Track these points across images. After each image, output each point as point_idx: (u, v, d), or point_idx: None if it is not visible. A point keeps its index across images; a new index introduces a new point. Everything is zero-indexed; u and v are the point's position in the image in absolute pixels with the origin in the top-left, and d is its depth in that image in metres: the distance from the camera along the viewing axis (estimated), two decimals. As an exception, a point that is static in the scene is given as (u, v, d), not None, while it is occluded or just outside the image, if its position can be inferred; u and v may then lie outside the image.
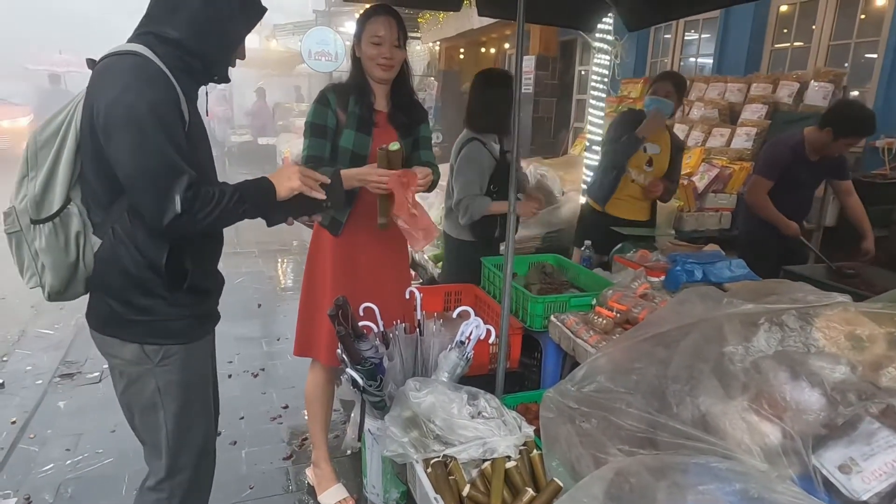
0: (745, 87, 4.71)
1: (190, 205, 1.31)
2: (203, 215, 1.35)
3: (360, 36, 2.04)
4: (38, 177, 1.36)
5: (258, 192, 1.48)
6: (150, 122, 1.28)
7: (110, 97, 1.28)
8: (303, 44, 10.20)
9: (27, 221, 1.38)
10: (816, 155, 3.08)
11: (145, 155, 1.28)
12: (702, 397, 1.44)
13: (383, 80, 2.06)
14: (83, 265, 1.42)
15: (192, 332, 1.52)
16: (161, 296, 1.44)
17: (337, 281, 2.12)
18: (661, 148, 3.19)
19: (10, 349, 3.75)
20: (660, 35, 6.64)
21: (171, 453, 1.54)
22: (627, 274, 2.42)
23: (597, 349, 1.91)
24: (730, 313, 1.61)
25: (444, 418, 1.60)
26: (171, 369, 1.49)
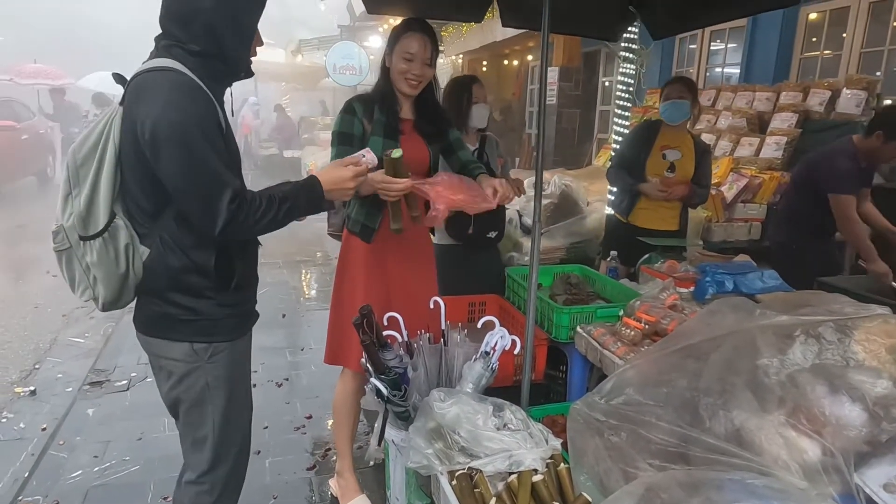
0: (774, 95, 4.63)
1: (235, 215, 1.38)
2: (251, 223, 1.42)
3: (393, 48, 2.06)
4: (82, 194, 1.40)
5: (308, 203, 1.54)
6: (195, 139, 1.34)
7: (154, 114, 1.32)
8: (328, 58, 10.37)
9: (76, 238, 1.41)
10: (866, 162, 3.01)
11: (193, 171, 1.35)
12: (736, 411, 1.39)
13: (409, 95, 2.09)
14: (133, 274, 1.46)
15: (237, 329, 1.59)
16: (209, 296, 1.50)
17: (369, 289, 2.13)
18: (682, 153, 3.15)
19: (43, 357, 3.84)
20: (685, 45, 6.59)
21: (216, 446, 1.60)
22: (655, 285, 2.37)
23: (625, 361, 1.87)
24: (763, 325, 1.56)
25: (469, 430, 1.57)
26: (219, 365, 1.55)
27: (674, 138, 3.15)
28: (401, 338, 1.95)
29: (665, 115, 3.11)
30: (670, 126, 3.14)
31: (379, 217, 2.10)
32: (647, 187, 3.11)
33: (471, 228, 2.72)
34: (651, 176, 3.12)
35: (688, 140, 3.18)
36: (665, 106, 3.10)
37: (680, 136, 3.16)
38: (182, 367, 1.53)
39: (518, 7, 2.91)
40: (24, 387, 3.38)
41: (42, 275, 5.24)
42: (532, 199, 3.79)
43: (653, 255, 2.86)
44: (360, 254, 2.15)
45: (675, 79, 3.25)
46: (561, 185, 3.87)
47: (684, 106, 3.05)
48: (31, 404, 3.19)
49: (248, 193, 1.42)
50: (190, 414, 1.58)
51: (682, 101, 3.04)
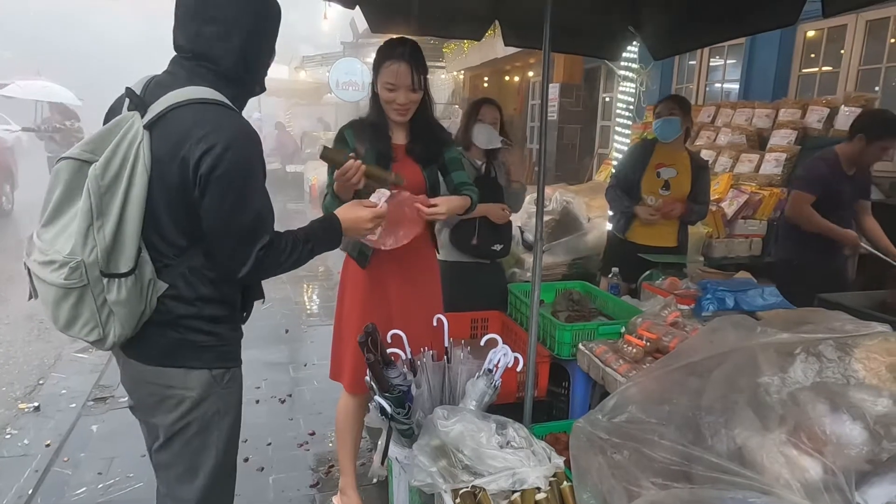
0: (773, 112, 4.67)
1: (262, 260, 1.39)
2: (275, 266, 1.44)
3: (376, 78, 2.07)
4: (107, 226, 1.28)
5: (328, 242, 1.59)
6: (249, 181, 1.36)
7: (215, 152, 1.29)
8: (331, 74, 10.48)
9: (96, 275, 1.28)
10: (853, 167, 3.04)
11: (240, 213, 1.35)
12: (737, 429, 1.40)
13: (399, 122, 2.09)
14: (148, 309, 1.38)
15: (240, 354, 1.60)
16: (224, 321, 1.51)
17: (366, 310, 2.15)
18: (678, 170, 3.18)
19: (47, 373, 3.85)
20: (685, 62, 6.65)
21: (213, 476, 1.53)
22: (657, 302, 2.39)
23: (627, 378, 1.89)
24: (764, 342, 1.58)
25: (472, 448, 1.58)
26: (232, 391, 1.56)
27: (669, 156, 3.18)
28: (404, 355, 1.96)
29: (658, 132, 3.16)
30: (666, 144, 3.17)
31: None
32: (641, 211, 3.14)
33: (475, 239, 2.75)
34: (646, 194, 3.15)
35: (684, 157, 3.21)
36: (657, 124, 3.15)
37: (675, 153, 3.19)
38: (196, 395, 1.46)
39: (519, 26, 2.97)
40: (28, 403, 3.39)
41: (46, 290, 5.26)
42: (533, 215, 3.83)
43: (654, 272, 2.88)
44: (359, 275, 2.18)
45: (666, 97, 3.31)
46: (562, 201, 3.90)
47: (675, 122, 3.09)
48: (36, 420, 3.20)
49: (277, 236, 1.43)
50: (190, 443, 1.50)
51: (673, 117, 3.09)
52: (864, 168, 3.08)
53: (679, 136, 3.13)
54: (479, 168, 2.81)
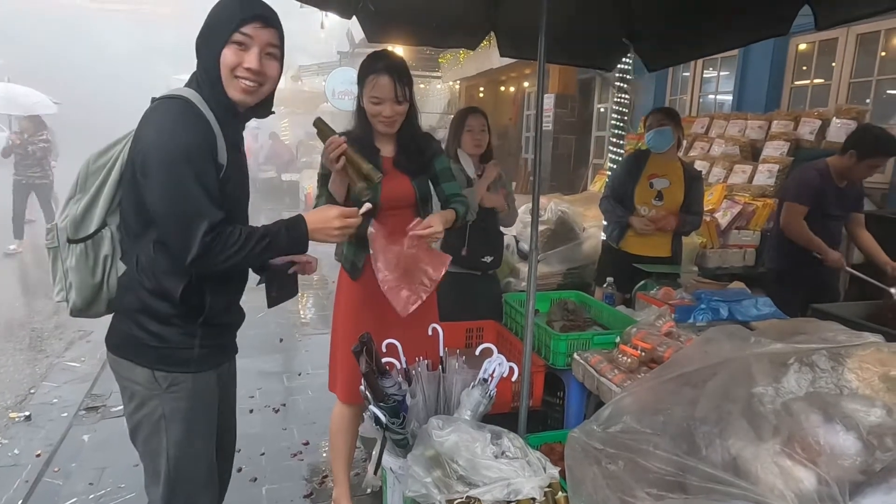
0: (766, 124, 4.71)
1: (208, 248, 1.36)
2: (224, 257, 1.39)
3: (361, 91, 2.06)
4: (83, 200, 1.46)
5: (290, 241, 1.51)
6: (180, 167, 1.35)
7: (150, 139, 1.37)
8: (327, 84, 10.52)
9: (64, 239, 1.46)
10: (843, 181, 3.07)
11: (174, 198, 1.36)
12: (731, 440, 1.41)
13: (387, 133, 2.09)
14: (106, 288, 1.49)
15: (202, 362, 1.54)
16: (175, 324, 1.48)
17: (359, 321, 2.14)
18: (671, 181, 3.19)
19: (38, 381, 3.82)
20: (678, 73, 6.71)
21: (170, 481, 1.53)
22: (651, 312, 2.39)
23: (622, 388, 1.89)
24: (758, 353, 1.58)
25: (467, 458, 1.58)
26: (178, 396, 1.51)
27: (662, 167, 3.20)
28: (399, 365, 1.96)
29: (650, 143, 3.19)
30: (659, 154, 3.20)
31: (364, 256, 2.10)
32: (636, 221, 3.15)
33: (464, 250, 2.75)
34: (639, 205, 3.17)
35: (677, 168, 3.23)
36: (650, 135, 3.18)
37: (668, 164, 3.21)
38: (142, 393, 1.49)
39: (515, 37, 2.99)
40: (18, 412, 3.36)
41: (41, 298, 5.24)
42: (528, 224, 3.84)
43: (648, 282, 2.89)
44: (350, 289, 2.19)
45: (655, 109, 3.35)
46: (557, 210, 3.91)
47: (667, 132, 3.12)
48: (26, 430, 3.17)
49: (227, 227, 1.40)
50: (147, 443, 1.53)
51: (664, 127, 3.12)
52: (854, 182, 3.11)
53: (672, 146, 3.15)
54: (472, 179, 2.81)
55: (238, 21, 1.41)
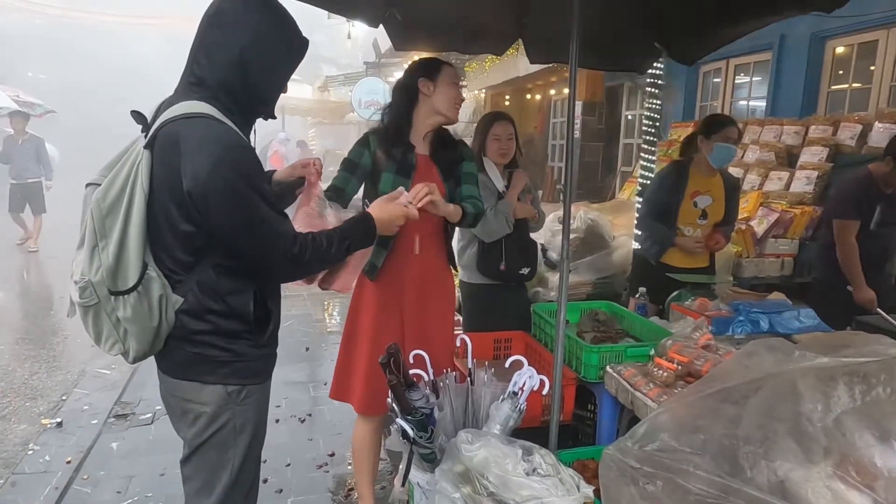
0: (803, 129, 4.57)
1: (299, 259, 1.42)
2: (317, 261, 1.49)
3: (436, 77, 2.08)
4: (109, 246, 1.34)
5: (364, 238, 1.62)
6: (250, 195, 1.35)
7: (203, 170, 1.29)
8: (353, 93, 10.61)
9: (105, 293, 1.35)
10: (890, 188, 2.95)
11: (253, 227, 1.37)
12: (778, 461, 1.33)
13: (455, 121, 2.15)
14: (165, 323, 1.41)
15: (266, 371, 1.59)
16: (245, 338, 1.49)
17: (378, 326, 2.11)
18: (713, 196, 3.08)
19: (70, 388, 3.87)
20: (709, 79, 6.58)
21: (226, 491, 1.53)
22: (687, 323, 2.31)
23: (658, 404, 1.81)
24: (803, 367, 1.50)
25: (497, 474, 1.53)
26: (249, 408, 1.53)
27: (704, 182, 3.07)
28: (427, 377, 1.91)
29: (715, 156, 2.98)
30: (700, 166, 3.07)
31: (384, 254, 2.09)
32: (685, 243, 3.03)
33: (503, 265, 2.71)
34: (683, 225, 3.06)
35: (717, 180, 3.11)
36: (719, 148, 2.94)
37: (710, 177, 3.09)
38: (211, 410, 1.48)
39: (543, 43, 2.95)
40: (50, 419, 3.41)
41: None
42: (557, 233, 3.77)
43: (682, 292, 2.80)
44: (368, 291, 2.15)
45: (729, 120, 3.09)
46: (587, 219, 3.84)
47: (734, 151, 3.02)
48: (58, 437, 3.21)
49: (307, 235, 1.46)
50: (209, 457, 1.52)
51: (732, 146, 2.98)
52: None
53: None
54: (501, 193, 2.76)
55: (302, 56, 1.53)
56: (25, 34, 23.57)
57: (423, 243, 2.14)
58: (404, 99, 2.11)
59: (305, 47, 1.52)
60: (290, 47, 1.48)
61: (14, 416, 3.51)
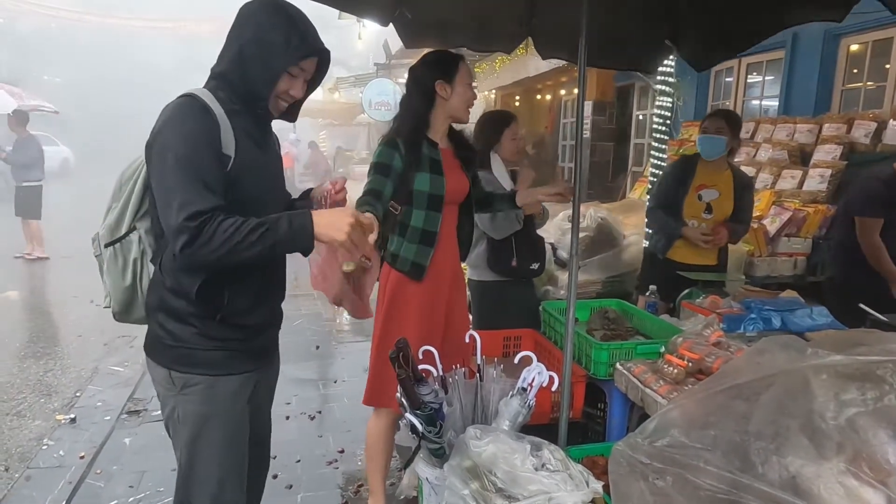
0: (817, 127, 4.53)
1: (195, 235, 1.29)
2: (214, 246, 1.30)
3: (453, 77, 2.09)
4: (117, 208, 1.52)
5: (292, 233, 1.36)
6: (175, 152, 1.34)
7: (154, 132, 1.40)
8: (364, 95, 10.64)
9: (102, 246, 1.52)
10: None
11: (167, 186, 1.34)
12: (790, 457, 1.32)
13: (466, 122, 2.20)
14: (140, 291, 1.52)
15: (222, 364, 1.49)
16: (192, 324, 1.45)
17: (422, 327, 2.10)
18: (720, 191, 3.06)
19: (84, 385, 3.92)
20: (721, 78, 6.53)
21: (181, 488, 1.53)
22: (698, 321, 2.30)
23: (668, 400, 1.80)
24: (816, 365, 1.49)
25: (506, 470, 1.52)
26: (191, 399, 1.48)
27: (711, 176, 3.07)
28: (436, 372, 1.92)
29: (700, 148, 3.06)
30: (709, 161, 3.06)
31: (430, 254, 2.09)
32: (691, 233, 3.03)
33: (514, 261, 2.72)
34: (688, 218, 3.05)
35: (726, 175, 3.10)
36: (701, 139, 3.04)
37: (718, 172, 3.08)
38: (161, 392, 1.51)
39: (554, 39, 2.94)
40: (64, 414, 3.45)
41: (86, 304, 5.40)
42: (566, 231, 3.77)
43: (693, 291, 2.78)
44: (411, 292, 2.12)
45: (717, 112, 3.17)
46: (597, 218, 3.83)
47: (720, 142, 2.98)
48: (71, 432, 3.25)
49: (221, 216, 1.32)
50: (173, 440, 1.55)
51: (720, 137, 2.97)
52: None
53: (722, 154, 3.03)
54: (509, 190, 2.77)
55: (302, 56, 1.49)
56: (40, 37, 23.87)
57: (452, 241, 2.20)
58: (422, 101, 2.12)
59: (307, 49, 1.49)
60: (288, 48, 1.45)
61: (29, 412, 3.56)
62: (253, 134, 1.51)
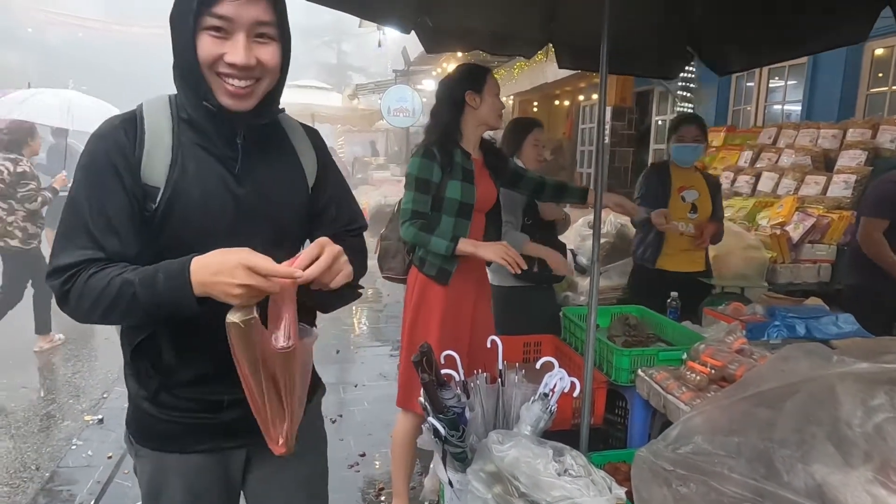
0: (841, 133, 4.47)
1: (61, 295, 1.04)
2: (84, 310, 1.03)
3: (482, 87, 2.17)
4: None
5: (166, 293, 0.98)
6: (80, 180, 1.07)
7: None
8: (383, 101, 10.72)
9: None
10: None
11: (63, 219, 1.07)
12: (816, 465, 1.31)
13: (498, 128, 2.27)
14: None
15: (168, 441, 1.17)
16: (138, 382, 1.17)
17: (445, 331, 2.14)
18: (698, 191, 3.11)
19: (111, 386, 4.00)
20: (742, 83, 6.47)
21: None
22: (720, 328, 2.28)
23: (691, 407, 1.80)
24: (842, 372, 1.48)
25: (528, 474, 1.54)
26: (140, 469, 1.23)
27: (687, 178, 3.14)
28: (458, 377, 1.93)
29: (678, 156, 3.10)
30: (681, 166, 3.13)
31: (457, 260, 2.14)
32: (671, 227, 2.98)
33: (535, 267, 2.73)
34: (676, 221, 3.05)
35: (699, 177, 3.19)
36: (678, 148, 3.08)
37: (692, 174, 3.16)
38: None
39: (573, 49, 2.96)
40: (92, 415, 3.52)
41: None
42: (587, 237, 3.76)
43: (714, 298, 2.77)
44: (436, 297, 2.17)
45: (687, 119, 3.18)
46: (617, 224, 3.82)
47: (699, 150, 3.07)
48: (99, 432, 3.32)
49: (95, 267, 1.02)
50: None
51: (698, 145, 3.05)
52: None
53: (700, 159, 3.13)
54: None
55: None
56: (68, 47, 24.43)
57: None
58: (452, 111, 2.20)
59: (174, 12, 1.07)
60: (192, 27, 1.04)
61: (59, 412, 3.65)
62: (214, 150, 1.11)
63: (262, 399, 1.03)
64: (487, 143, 2.29)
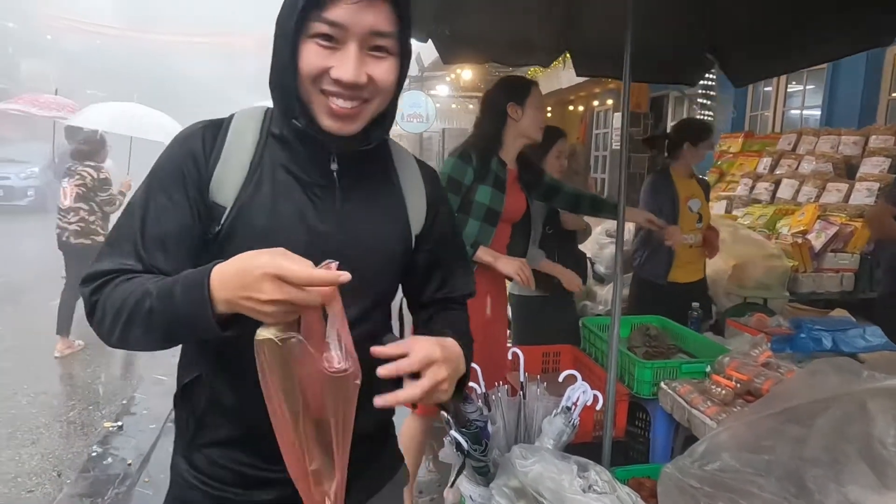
0: (863, 139, 4.42)
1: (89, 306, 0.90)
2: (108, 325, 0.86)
3: (525, 100, 2.19)
4: None
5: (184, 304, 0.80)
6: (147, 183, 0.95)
7: None
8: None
9: None
10: None
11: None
12: (850, 486, 1.29)
13: (539, 141, 2.28)
14: None
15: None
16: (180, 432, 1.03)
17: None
18: (699, 199, 3.12)
19: (130, 394, 4.03)
20: (759, 88, 6.41)
21: None
22: (744, 340, 2.25)
23: (716, 422, 1.78)
24: (873, 388, 1.45)
25: (552, 490, 1.52)
26: None
27: (688, 185, 3.12)
28: (479, 389, 1.92)
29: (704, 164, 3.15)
30: (679, 173, 3.10)
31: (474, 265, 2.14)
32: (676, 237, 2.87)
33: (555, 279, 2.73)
34: (686, 233, 3.01)
35: (695, 183, 3.17)
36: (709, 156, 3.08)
37: (690, 180, 3.15)
38: None
39: (591, 56, 2.94)
40: (112, 422, 3.55)
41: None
42: (605, 245, 3.74)
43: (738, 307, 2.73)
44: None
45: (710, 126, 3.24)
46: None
47: (709, 157, 3.08)
48: (119, 439, 3.34)
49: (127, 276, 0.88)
50: None
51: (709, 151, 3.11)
52: None
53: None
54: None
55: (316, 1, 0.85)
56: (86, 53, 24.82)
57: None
58: (494, 122, 2.22)
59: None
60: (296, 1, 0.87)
61: (79, 419, 3.68)
62: (301, 175, 0.95)
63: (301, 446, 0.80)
64: (524, 159, 2.30)
